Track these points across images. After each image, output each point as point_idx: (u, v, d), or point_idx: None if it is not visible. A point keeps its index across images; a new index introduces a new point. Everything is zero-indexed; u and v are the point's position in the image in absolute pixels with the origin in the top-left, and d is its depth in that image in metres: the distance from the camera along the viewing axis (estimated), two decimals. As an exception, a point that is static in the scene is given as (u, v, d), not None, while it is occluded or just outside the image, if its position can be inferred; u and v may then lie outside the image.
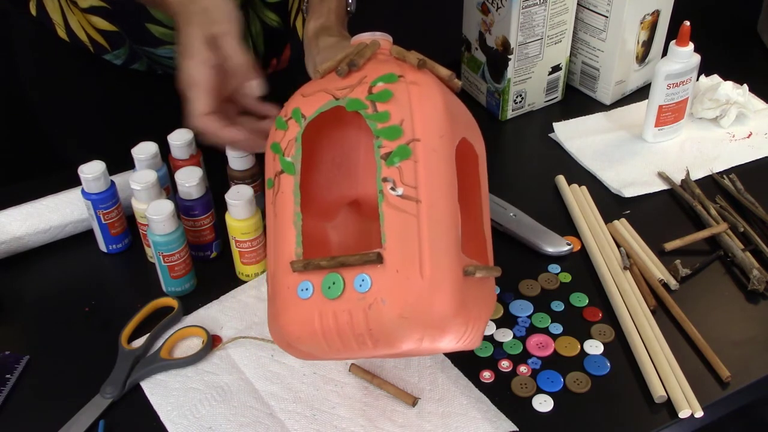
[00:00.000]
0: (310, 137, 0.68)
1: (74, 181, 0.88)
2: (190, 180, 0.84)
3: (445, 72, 0.69)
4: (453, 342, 0.63)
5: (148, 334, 0.81)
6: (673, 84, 1.02)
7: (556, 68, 1.14)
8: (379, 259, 0.60)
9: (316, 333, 0.62)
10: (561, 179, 1.01)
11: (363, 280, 0.61)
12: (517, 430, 0.73)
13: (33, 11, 1.01)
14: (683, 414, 0.73)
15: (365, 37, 0.73)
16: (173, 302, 0.84)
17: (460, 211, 0.64)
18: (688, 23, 1.00)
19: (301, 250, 0.64)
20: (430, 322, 0.60)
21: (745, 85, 1.11)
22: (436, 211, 0.62)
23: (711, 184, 1.01)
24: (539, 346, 0.81)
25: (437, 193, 0.62)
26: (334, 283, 0.62)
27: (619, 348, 0.80)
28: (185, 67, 0.76)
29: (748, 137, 1.09)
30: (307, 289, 0.62)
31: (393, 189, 0.62)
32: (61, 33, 1.01)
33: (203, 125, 0.77)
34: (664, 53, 1.05)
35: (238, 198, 0.82)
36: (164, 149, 0.91)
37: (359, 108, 0.65)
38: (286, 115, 0.68)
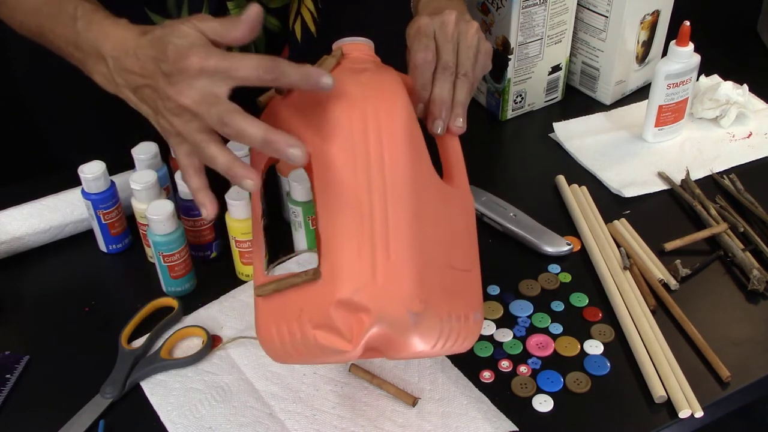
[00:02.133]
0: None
1: (74, 181, 0.88)
2: (190, 180, 0.84)
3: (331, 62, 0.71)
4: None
5: (148, 334, 0.81)
6: (673, 84, 1.02)
7: (556, 68, 1.14)
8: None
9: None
10: (561, 179, 1.01)
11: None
12: (517, 430, 0.73)
13: None
14: (683, 414, 0.73)
15: (346, 42, 0.74)
16: (173, 302, 0.84)
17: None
18: (688, 23, 1.00)
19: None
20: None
21: (745, 85, 1.11)
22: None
23: (711, 184, 1.01)
24: (539, 346, 0.81)
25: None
26: None
27: (619, 348, 0.80)
28: (203, 53, 0.62)
29: (748, 137, 1.09)
30: None
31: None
32: None
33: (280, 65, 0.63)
34: (664, 53, 1.05)
35: (238, 198, 0.82)
36: (164, 149, 0.91)
37: None
38: None
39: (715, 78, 1.13)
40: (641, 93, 1.18)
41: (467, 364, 0.79)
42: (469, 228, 0.71)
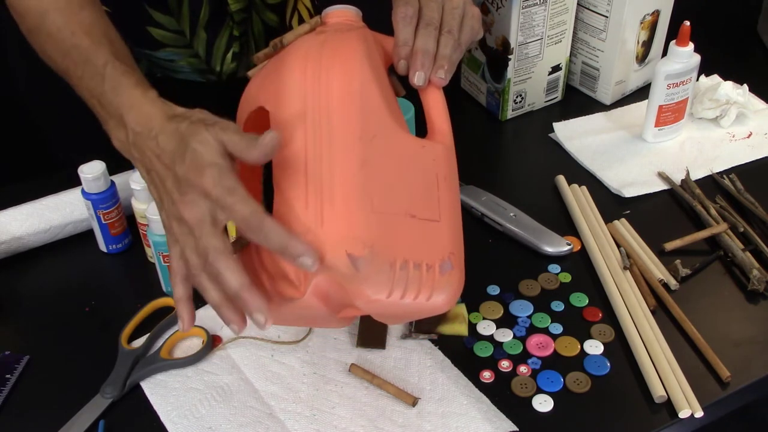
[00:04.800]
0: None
1: (74, 181, 0.88)
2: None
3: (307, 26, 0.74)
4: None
5: (148, 334, 0.81)
6: (673, 84, 1.02)
7: (556, 68, 1.14)
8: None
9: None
10: (561, 179, 1.01)
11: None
12: (517, 430, 0.73)
13: None
14: (683, 414, 0.73)
15: (334, 9, 0.76)
16: (173, 302, 0.84)
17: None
18: (688, 23, 1.00)
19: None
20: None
21: (745, 85, 1.11)
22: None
23: (711, 184, 1.01)
24: (539, 346, 0.81)
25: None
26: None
27: (619, 348, 0.80)
28: (216, 177, 0.61)
29: (748, 137, 1.09)
30: None
31: None
32: None
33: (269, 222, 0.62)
34: (664, 53, 1.05)
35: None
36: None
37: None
38: None
39: (715, 78, 1.13)
40: (641, 93, 1.18)
41: (467, 364, 0.79)
42: (441, 178, 0.69)
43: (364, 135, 0.66)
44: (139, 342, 0.81)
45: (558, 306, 0.85)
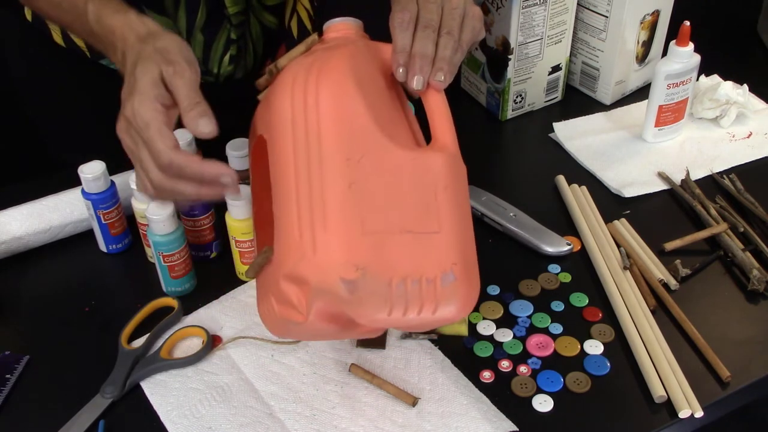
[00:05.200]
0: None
1: (74, 181, 0.88)
2: (190, 180, 0.84)
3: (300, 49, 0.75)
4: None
5: (148, 334, 0.81)
6: (673, 84, 1.02)
7: (556, 68, 1.14)
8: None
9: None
10: (561, 179, 1.01)
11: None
12: (517, 430, 0.73)
13: (28, 17, 1.01)
14: (683, 414, 0.73)
15: (333, 23, 0.77)
16: (173, 302, 0.84)
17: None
18: (688, 23, 1.00)
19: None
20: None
21: (745, 85, 1.11)
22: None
23: (711, 184, 1.01)
24: (539, 346, 0.81)
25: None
26: None
27: (619, 348, 0.80)
28: (136, 106, 0.67)
29: (748, 137, 1.09)
30: None
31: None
32: (57, 38, 1.00)
33: (181, 158, 0.66)
34: (664, 53, 1.05)
35: (238, 198, 0.82)
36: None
37: None
38: None
39: (715, 78, 1.13)
40: (641, 93, 1.18)
41: (467, 364, 0.79)
42: (440, 188, 0.67)
43: (351, 156, 0.65)
44: (139, 342, 0.81)
45: (558, 306, 0.85)
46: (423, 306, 0.63)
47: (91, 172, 0.86)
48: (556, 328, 0.82)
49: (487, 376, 0.78)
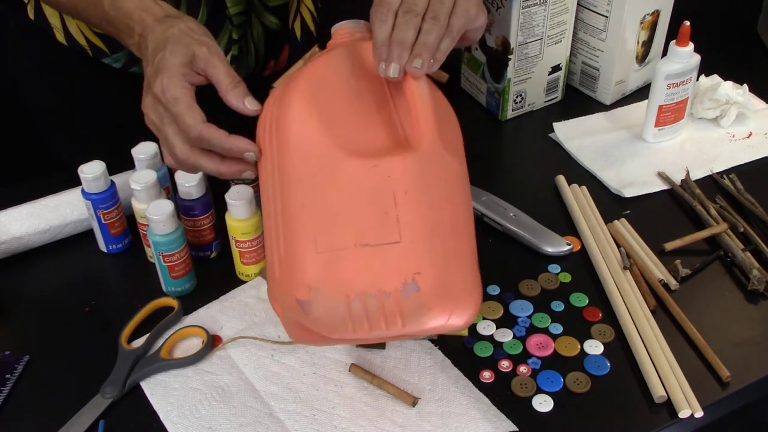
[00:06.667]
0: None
1: (74, 181, 0.88)
2: (190, 180, 0.84)
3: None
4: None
5: (148, 334, 0.81)
6: (673, 84, 1.02)
7: (556, 68, 1.14)
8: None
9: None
10: (561, 179, 1.01)
11: None
12: (517, 430, 0.73)
13: (31, 15, 1.01)
14: (683, 414, 0.73)
15: (336, 28, 0.77)
16: (173, 302, 0.84)
17: None
18: (688, 23, 1.00)
19: None
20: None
21: (745, 85, 1.11)
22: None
23: (711, 184, 1.01)
24: (539, 346, 0.81)
25: None
26: None
27: (619, 348, 0.80)
28: (165, 83, 0.68)
29: (748, 137, 1.09)
30: None
31: None
32: (60, 37, 1.00)
33: (208, 132, 0.68)
34: (664, 53, 1.05)
35: (238, 198, 0.82)
36: (164, 149, 0.91)
37: None
38: None
39: (715, 78, 1.13)
40: (641, 93, 1.18)
41: (467, 364, 0.79)
42: (399, 194, 0.64)
43: (302, 176, 0.65)
44: (139, 342, 0.81)
45: (558, 306, 0.85)
46: (387, 320, 0.62)
47: (91, 172, 0.86)
48: (556, 328, 0.82)
49: (487, 376, 0.78)
